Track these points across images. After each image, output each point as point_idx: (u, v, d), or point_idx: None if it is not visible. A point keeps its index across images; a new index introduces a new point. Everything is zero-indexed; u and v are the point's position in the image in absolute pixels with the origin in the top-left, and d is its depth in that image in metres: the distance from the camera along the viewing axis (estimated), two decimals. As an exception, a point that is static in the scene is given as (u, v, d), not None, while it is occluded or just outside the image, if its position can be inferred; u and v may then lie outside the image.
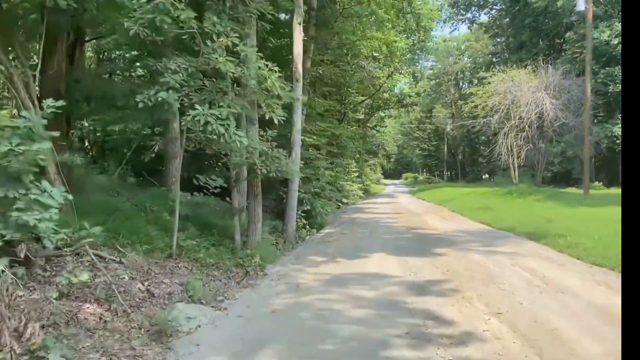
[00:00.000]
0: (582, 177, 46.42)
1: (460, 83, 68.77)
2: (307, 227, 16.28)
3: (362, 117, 37.42)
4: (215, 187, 10.29)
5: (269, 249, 10.50)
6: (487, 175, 67.22)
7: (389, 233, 15.65)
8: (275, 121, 8.36)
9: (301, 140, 17.93)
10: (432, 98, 67.04)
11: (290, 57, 15.23)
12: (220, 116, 6.96)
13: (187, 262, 8.33)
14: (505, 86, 29.05)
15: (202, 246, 8.97)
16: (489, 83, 29.97)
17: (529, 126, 27.94)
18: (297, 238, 14.62)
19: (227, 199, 11.42)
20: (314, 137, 18.70)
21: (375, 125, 45.54)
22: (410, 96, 41.91)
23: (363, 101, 33.19)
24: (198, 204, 10.96)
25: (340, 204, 29.79)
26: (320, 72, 20.61)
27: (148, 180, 13.19)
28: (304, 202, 17.05)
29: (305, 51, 19.12)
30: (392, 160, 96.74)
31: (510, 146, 29.08)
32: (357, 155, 40.55)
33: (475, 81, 65.81)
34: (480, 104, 29.98)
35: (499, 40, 57.53)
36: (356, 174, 37.61)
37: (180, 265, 8.09)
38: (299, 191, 16.99)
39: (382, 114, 45.21)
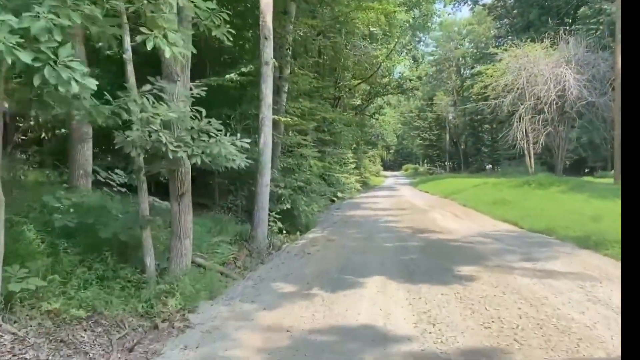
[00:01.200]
0: (596, 165, 42.88)
1: (462, 69, 64.81)
2: (286, 231, 12.50)
3: (359, 102, 33.45)
4: (122, 184, 6.52)
5: (206, 279, 6.68)
6: (489, 166, 63.51)
7: (390, 239, 11.81)
8: (168, 55, 4.51)
9: (281, 122, 14.15)
10: (433, 85, 63.09)
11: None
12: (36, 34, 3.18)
13: (29, 321, 4.53)
14: (520, 63, 25.13)
15: (71, 286, 5.14)
16: (500, 60, 26.00)
17: (548, 107, 23.99)
18: (270, 247, 10.82)
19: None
20: (298, 119, 14.84)
21: (374, 113, 41.59)
22: (410, 80, 37.94)
23: (359, 84, 29.27)
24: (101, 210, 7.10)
25: (335, 198, 26.09)
26: (306, 38, 16.70)
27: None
28: (282, 200, 13.25)
29: (285, 12, 15.30)
30: (392, 151, 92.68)
31: (526, 130, 25.15)
32: (355, 146, 36.73)
33: (478, 66, 62.38)
34: (490, 84, 26.03)
35: (502, 22, 53.50)
36: (353, 166, 33.78)
37: (5, 330, 4.28)
38: (277, 186, 13.20)
39: (382, 101, 41.23)
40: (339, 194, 26.78)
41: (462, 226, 13.95)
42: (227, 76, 11.32)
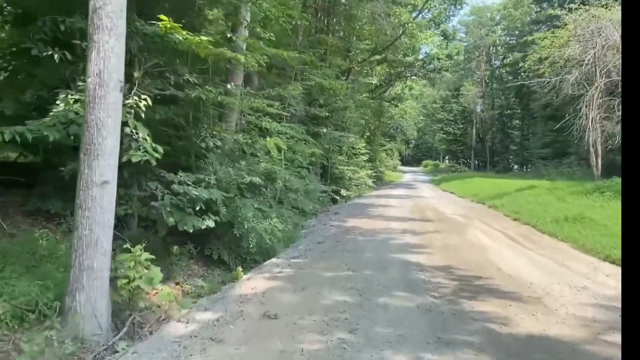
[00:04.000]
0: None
1: (492, 59, 57.14)
2: (207, 268, 6.05)
3: (375, 82, 26.59)
4: None
5: None
6: (516, 166, 55.98)
7: (411, 315, 5.19)
8: None
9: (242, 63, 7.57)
10: (460, 75, 55.61)
11: None
12: None
13: None
14: (592, 28, 18.00)
15: None
16: (565, 25, 18.83)
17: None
18: (117, 332, 4.33)
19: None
20: (257, 65, 8.22)
21: (393, 99, 34.63)
22: (439, 59, 30.85)
23: (375, 54, 22.38)
24: None
25: (338, 197, 19.52)
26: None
27: None
28: (209, 211, 6.69)
29: None
30: (411, 145, 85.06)
31: (593, 119, 18.04)
32: (368, 134, 29.93)
33: (510, 57, 54.68)
34: (549, 56, 18.91)
35: (544, 6, 45.76)
36: (365, 158, 27.01)
37: None
38: (182, 183, 6.66)
39: (403, 85, 34.23)
40: (343, 192, 20.13)
41: (542, 271, 7.21)
42: None
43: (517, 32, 51.33)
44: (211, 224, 6.28)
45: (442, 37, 32.66)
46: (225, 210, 6.98)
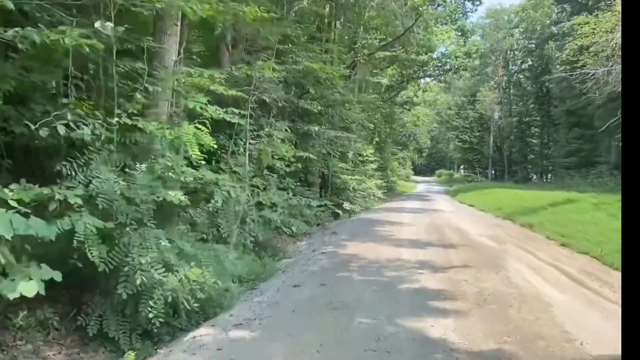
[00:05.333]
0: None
1: (510, 64, 53.51)
2: None
3: (385, 81, 23.29)
4: None
5: None
6: (534, 176, 52.11)
7: None
8: None
9: None
10: (476, 81, 52.10)
11: None
12: None
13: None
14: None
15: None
16: (611, 6, 15.40)
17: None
18: None
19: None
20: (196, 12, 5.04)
21: (406, 102, 31.29)
22: (457, 57, 27.49)
23: (384, 46, 19.05)
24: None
25: (340, 211, 16.37)
26: None
27: None
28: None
29: None
30: (424, 155, 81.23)
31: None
32: (377, 140, 26.69)
33: (530, 61, 51.04)
34: (594, 43, 15.47)
35: (565, 7, 42.19)
36: (374, 166, 23.71)
37: None
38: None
39: (416, 88, 30.91)
40: (347, 205, 16.87)
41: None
42: None
43: (537, 33, 47.92)
44: (31, 290, 3.08)
45: (460, 34, 29.27)
46: (104, 251, 3.80)
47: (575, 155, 38.34)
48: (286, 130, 9.08)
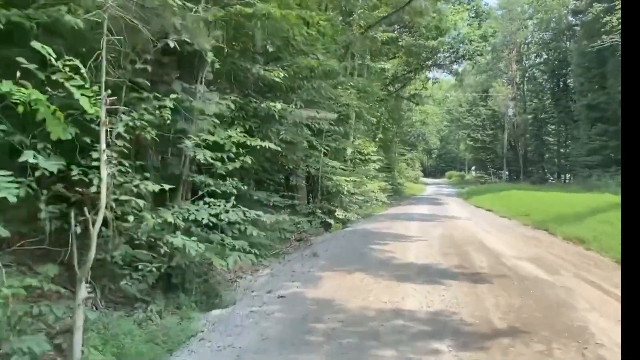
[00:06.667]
0: None
1: (524, 58, 49.58)
2: None
3: (388, 66, 19.71)
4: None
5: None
6: (551, 176, 48.05)
7: None
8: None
9: None
10: (488, 76, 48.24)
11: None
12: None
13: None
14: None
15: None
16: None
17: None
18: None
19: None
20: None
21: (413, 95, 27.65)
22: (471, 41, 23.81)
23: (386, 17, 15.43)
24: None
25: (331, 220, 12.96)
26: None
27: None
28: None
29: None
30: (434, 156, 77.16)
31: None
32: (381, 135, 23.08)
33: (545, 54, 47.20)
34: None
35: (585, -7, 38.24)
36: (376, 166, 20.12)
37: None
38: None
39: (426, 79, 27.29)
40: (339, 213, 13.34)
41: None
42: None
43: (552, 24, 44.12)
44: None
45: (474, 16, 25.61)
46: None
47: (598, 154, 34.64)
48: (221, 104, 5.59)
